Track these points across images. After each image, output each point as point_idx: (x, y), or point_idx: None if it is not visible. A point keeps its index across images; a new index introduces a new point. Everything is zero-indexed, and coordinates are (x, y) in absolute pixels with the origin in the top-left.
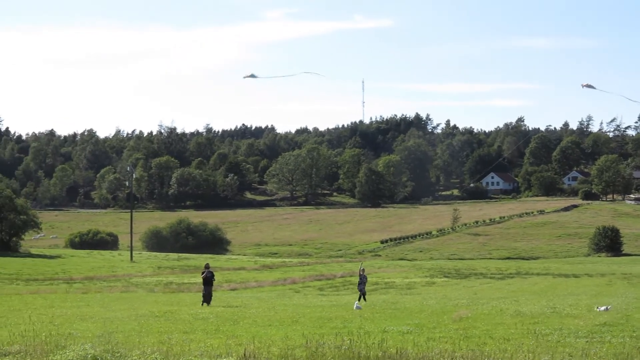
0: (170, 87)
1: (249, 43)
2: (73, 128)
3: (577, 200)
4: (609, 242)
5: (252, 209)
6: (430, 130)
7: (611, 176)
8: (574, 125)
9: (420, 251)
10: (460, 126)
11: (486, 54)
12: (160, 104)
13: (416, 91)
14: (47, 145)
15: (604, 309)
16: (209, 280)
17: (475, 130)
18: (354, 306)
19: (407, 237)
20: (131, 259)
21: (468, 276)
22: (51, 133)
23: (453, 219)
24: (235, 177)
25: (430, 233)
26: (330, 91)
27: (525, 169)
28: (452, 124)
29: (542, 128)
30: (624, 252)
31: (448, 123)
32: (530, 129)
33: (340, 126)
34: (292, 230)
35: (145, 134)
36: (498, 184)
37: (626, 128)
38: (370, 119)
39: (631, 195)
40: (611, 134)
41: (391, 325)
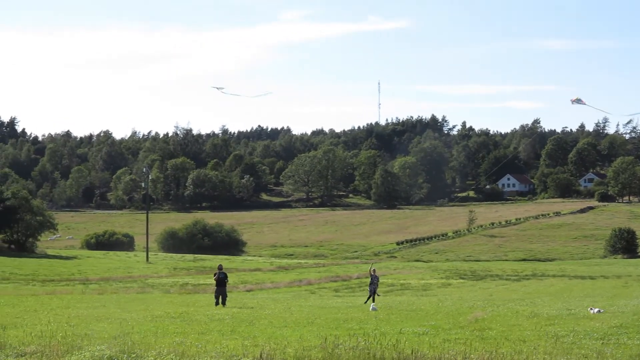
0: (186, 89)
1: (265, 45)
2: (89, 129)
3: (593, 202)
4: (625, 244)
5: (268, 210)
6: (446, 131)
7: (627, 178)
8: (590, 127)
9: (436, 253)
10: (476, 128)
11: (503, 56)
12: (176, 105)
13: (432, 93)
14: (63, 146)
15: (596, 311)
16: (222, 282)
17: (491, 132)
18: (370, 307)
19: (423, 239)
20: (147, 260)
21: (484, 278)
22: (67, 134)
23: (469, 220)
24: (251, 179)
25: (446, 234)
26: (346, 93)
27: (541, 171)
28: (468, 126)
29: (558, 130)
30: None
31: (464, 124)
32: (547, 130)
33: (356, 128)
34: (308, 232)
35: (161, 135)
36: (514, 185)
37: None
38: (386, 120)
39: None
40: (627, 136)
41: (407, 327)
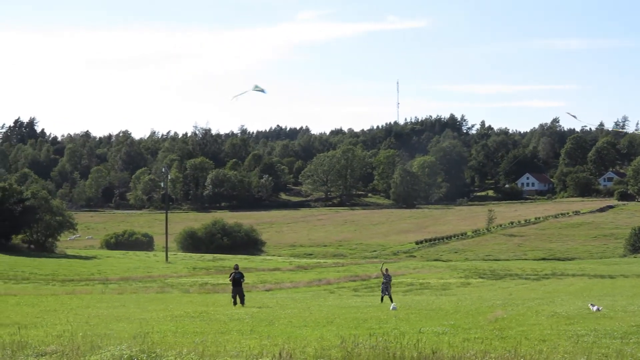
0: (205, 88)
1: (283, 44)
2: (108, 129)
3: (613, 201)
4: None
5: (287, 210)
6: (465, 131)
7: None
8: (609, 126)
9: (455, 252)
10: (495, 127)
11: (521, 55)
12: (195, 105)
13: (451, 92)
14: (83, 146)
15: (595, 308)
16: (237, 281)
17: (510, 131)
18: (390, 307)
19: (442, 238)
20: (166, 259)
21: (503, 277)
22: (86, 134)
23: (488, 219)
24: (270, 178)
25: (465, 234)
26: (364, 92)
27: (561, 170)
28: (487, 125)
29: (578, 129)
30: None
31: (483, 124)
32: (566, 129)
33: (375, 127)
34: (327, 231)
35: (180, 135)
36: (533, 184)
37: None
38: (405, 119)
39: None
40: None
41: (426, 326)
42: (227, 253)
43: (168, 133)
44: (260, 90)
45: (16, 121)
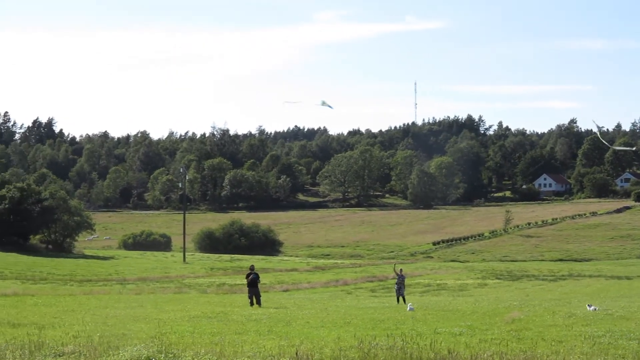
0: (223, 89)
1: (301, 45)
2: (126, 130)
3: (630, 202)
4: None
5: (305, 210)
6: (482, 131)
7: None
8: (626, 127)
9: (473, 253)
10: (513, 128)
11: (539, 55)
12: (213, 105)
13: (468, 92)
14: (101, 146)
15: (592, 309)
16: (254, 282)
17: (527, 132)
18: (407, 308)
19: (459, 239)
20: (184, 260)
21: (520, 278)
22: (105, 135)
23: (505, 220)
24: (288, 179)
25: (483, 235)
26: (382, 93)
27: (578, 171)
28: (505, 126)
29: (595, 129)
30: None
31: (500, 124)
32: (583, 130)
33: (392, 128)
34: (344, 232)
35: (198, 135)
36: (550, 185)
37: None
38: (423, 120)
39: None
40: None
41: (443, 327)
42: (245, 253)
43: (186, 133)
44: (328, 106)
45: (35, 121)
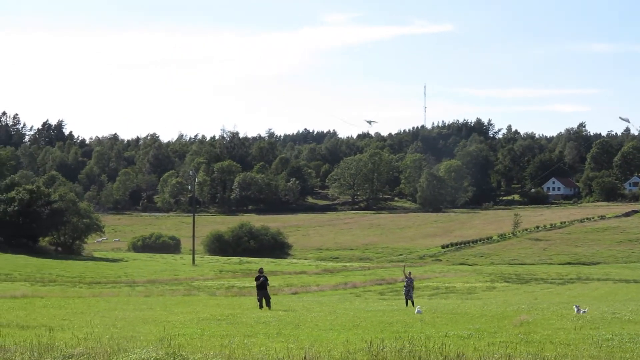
0: (233, 92)
1: (311, 48)
2: (136, 132)
3: (638, 206)
4: None
5: (314, 213)
6: (491, 135)
7: None
8: (635, 131)
9: (481, 256)
10: (522, 131)
11: (548, 59)
12: (222, 108)
13: (478, 96)
14: (111, 149)
15: (582, 312)
16: (263, 285)
17: (536, 136)
18: (415, 310)
19: (468, 242)
20: (193, 262)
21: (528, 281)
22: (114, 137)
23: (514, 224)
24: (297, 182)
25: (491, 238)
26: (392, 96)
27: (586, 174)
28: (514, 129)
29: (604, 133)
30: None
31: (509, 128)
32: (592, 134)
33: (401, 131)
34: (353, 235)
35: (208, 138)
36: (559, 189)
37: None
38: (432, 123)
39: None
40: None
41: (452, 330)
42: (254, 256)
43: (196, 136)
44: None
45: (44, 124)
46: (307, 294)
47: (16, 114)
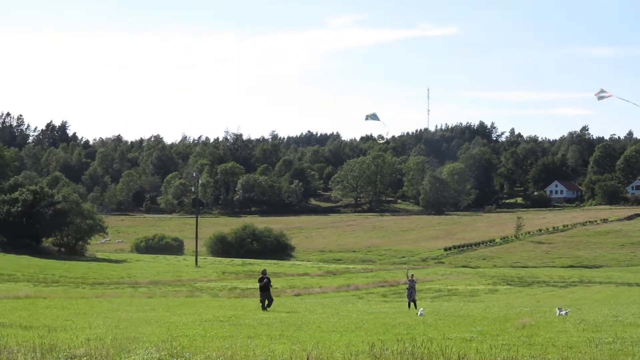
0: (237, 94)
1: (316, 50)
2: (140, 134)
3: None
4: None
5: (317, 215)
6: (494, 138)
7: None
8: (638, 134)
9: (484, 259)
10: (525, 134)
11: (551, 62)
12: (226, 110)
13: (481, 99)
14: (114, 150)
15: (564, 313)
16: (266, 287)
17: (539, 139)
18: (418, 313)
19: (471, 245)
20: (196, 264)
21: (531, 284)
22: (118, 138)
23: (516, 227)
24: (300, 184)
25: (494, 241)
26: (395, 99)
27: (589, 178)
28: (517, 132)
29: (607, 136)
30: None
31: (512, 131)
32: (595, 137)
33: (405, 133)
34: (356, 237)
35: (212, 140)
36: (562, 192)
37: None
38: (435, 126)
39: None
40: None
41: (454, 332)
42: (257, 258)
43: (199, 138)
44: (373, 118)
45: (48, 124)
46: (310, 295)
47: (20, 115)
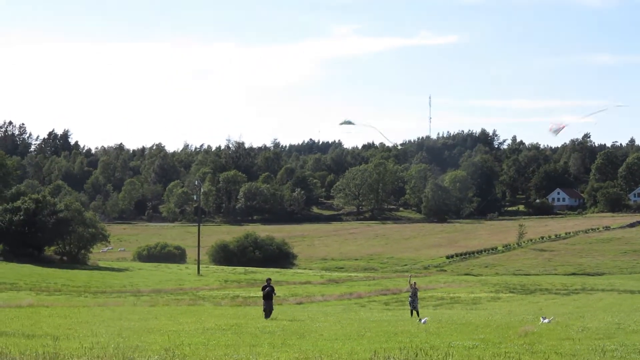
0: (239, 102)
1: (317, 59)
2: (142, 142)
3: None
4: None
5: (319, 223)
6: (496, 146)
7: None
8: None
9: (486, 266)
10: (527, 142)
11: (553, 71)
12: (228, 118)
13: (482, 107)
14: (116, 159)
15: (547, 321)
16: (269, 295)
17: (541, 146)
18: (422, 321)
19: (473, 253)
20: (198, 272)
21: (533, 292)
22: (120, 147)
23: (519, 234)
24: (302, 192)
25: (496, 248)
26: (397, 107)
27: (591, 185)
28: (519, 140)
29: (608, 144)
30: None
31: (514, 139)
32: (596, 145)
33: (407, 141)
34: (358, 245)
35: (214, 148)
36: (564, 199)
37: None
38: (437, 134)
39: None
40: None
41: (457, 340)
42: (259, 266)
43: (201, 146)
44: (348, 122)
45: (50, 133)
46: (312, 304)
47: (22, 124)
